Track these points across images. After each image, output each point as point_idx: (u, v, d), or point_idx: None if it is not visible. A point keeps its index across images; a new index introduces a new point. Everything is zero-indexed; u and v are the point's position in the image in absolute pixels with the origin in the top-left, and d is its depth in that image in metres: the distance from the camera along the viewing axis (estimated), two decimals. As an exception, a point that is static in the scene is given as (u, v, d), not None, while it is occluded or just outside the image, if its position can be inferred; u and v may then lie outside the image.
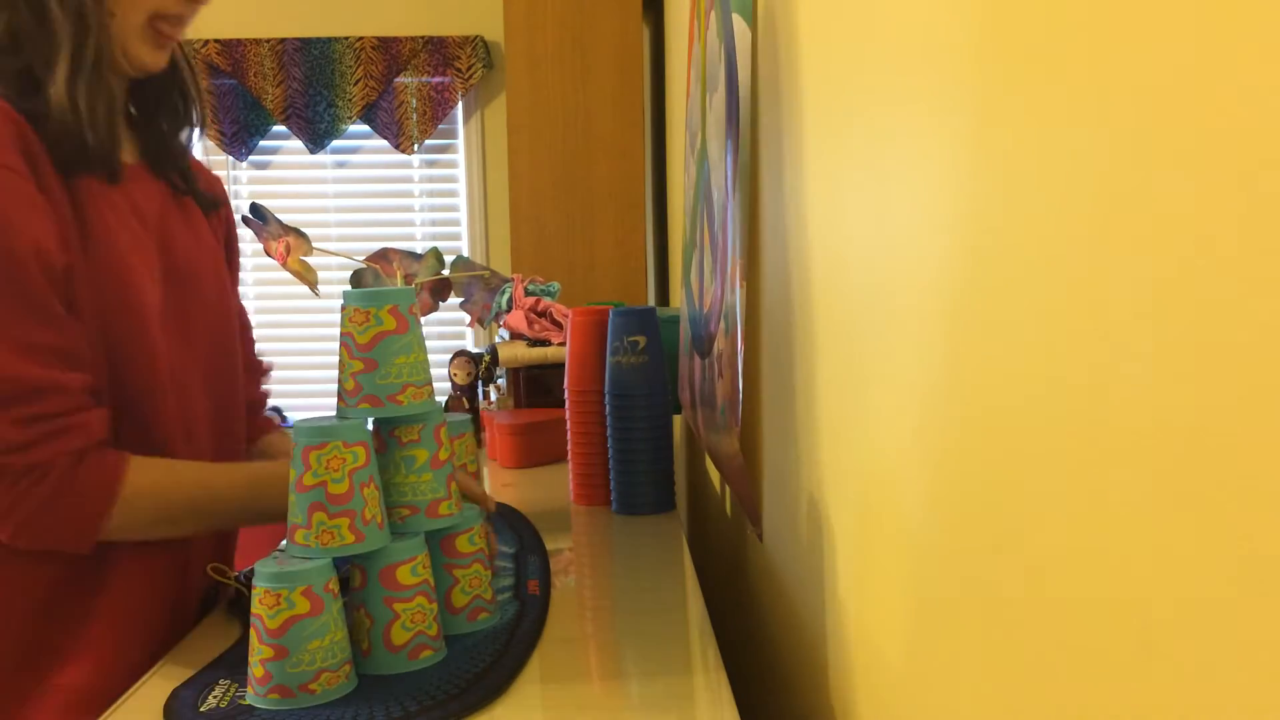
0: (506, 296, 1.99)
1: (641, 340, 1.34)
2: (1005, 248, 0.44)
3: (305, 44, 3.49)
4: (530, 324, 1.89)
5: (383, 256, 1.76)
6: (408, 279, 1.74)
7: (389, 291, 0.89)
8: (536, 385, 1.84)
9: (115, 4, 0.92)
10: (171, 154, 1.05)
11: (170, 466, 0.94)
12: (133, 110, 1.05)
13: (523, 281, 2.00)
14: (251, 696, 0.79)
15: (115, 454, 0.90)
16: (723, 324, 1.10)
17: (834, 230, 0.74)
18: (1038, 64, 0.40)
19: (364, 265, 1.76)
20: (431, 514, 0.90)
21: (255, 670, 0.79)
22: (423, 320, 1.81)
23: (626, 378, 1.33)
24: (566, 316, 1.85)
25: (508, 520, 1.31)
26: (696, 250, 1.39)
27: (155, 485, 0.91)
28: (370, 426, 0.89)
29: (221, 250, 1.13)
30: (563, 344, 1.82)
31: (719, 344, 1.13)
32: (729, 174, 1.07)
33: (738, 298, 1.00)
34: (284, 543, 0.86)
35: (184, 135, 1.07)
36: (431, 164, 3.61)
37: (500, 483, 1.58)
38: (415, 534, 0.87)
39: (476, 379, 1.92)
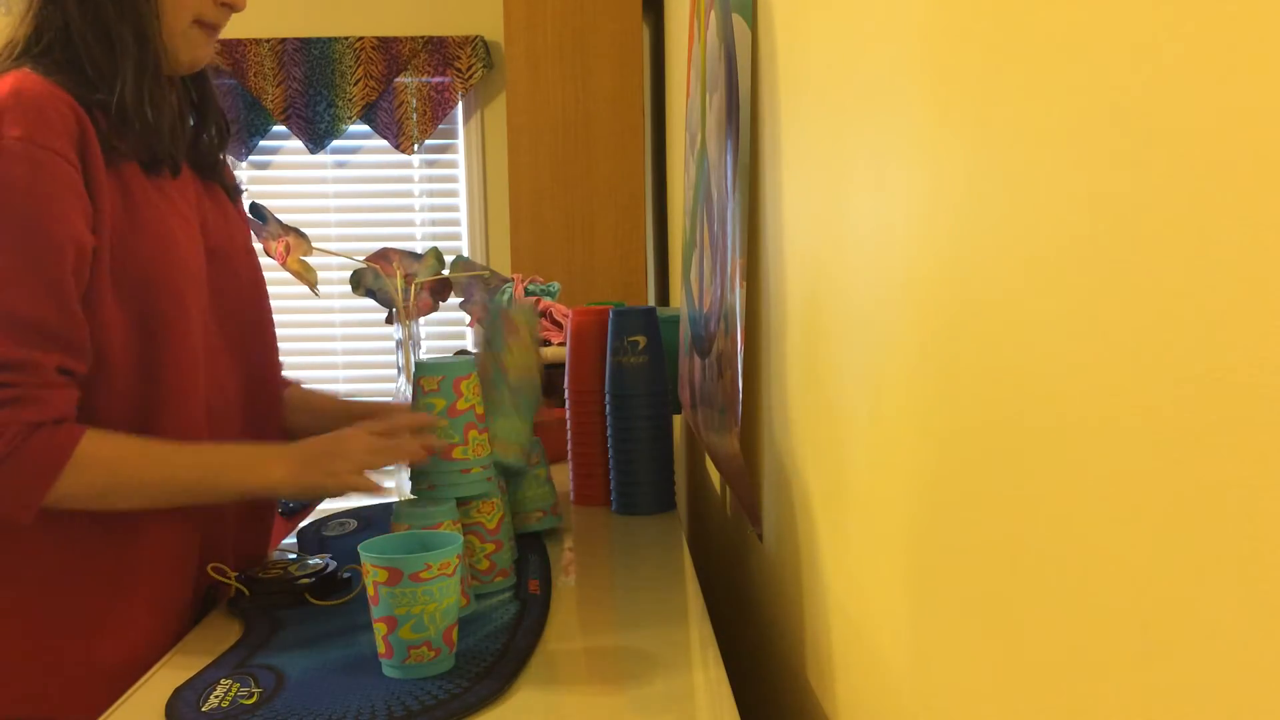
0: (506, 296, 1.99)
1: (642, 340, 1.34)
2: (1006, 247, 0.44)
3: (305, 44, 3.49)
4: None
5: (383, 256, 1.76)
6: (408, 279, 1.74)
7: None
8: (537, 385, 1.83)
9: (162, 9, 1.00)
10: (202, 147, 1.13)
11: (131, 442, 0.96)
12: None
13: (523, 281, 2.00)
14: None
15: (70, 429, 0.92)
16: (723, 324, 1.10)
17: (834, 230, 0.75)
18: (1039, 65, 0.40)
19: (364, 265, 1.76)
20: (445, 455, 1.02)
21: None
22: (423, 320, 1.81)
23: (626, 378, 1.34)
24: (566, 316, 1.85)
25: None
26: (696, 250, 1.39)
27: (108, 458, 0.94)
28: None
29: (249, 231, 1.21)
30: (563, 344, 1.82)
31: (719, 344, 1.13)
32: (729, 174, 1.07)
33: (737, 298, 1.00)
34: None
35: (214, 131, 1.15)
36: (431, 164, 3.61)
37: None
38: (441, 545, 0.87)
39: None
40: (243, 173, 3.59)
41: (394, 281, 1.73)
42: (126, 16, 0.98)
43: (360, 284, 1.77)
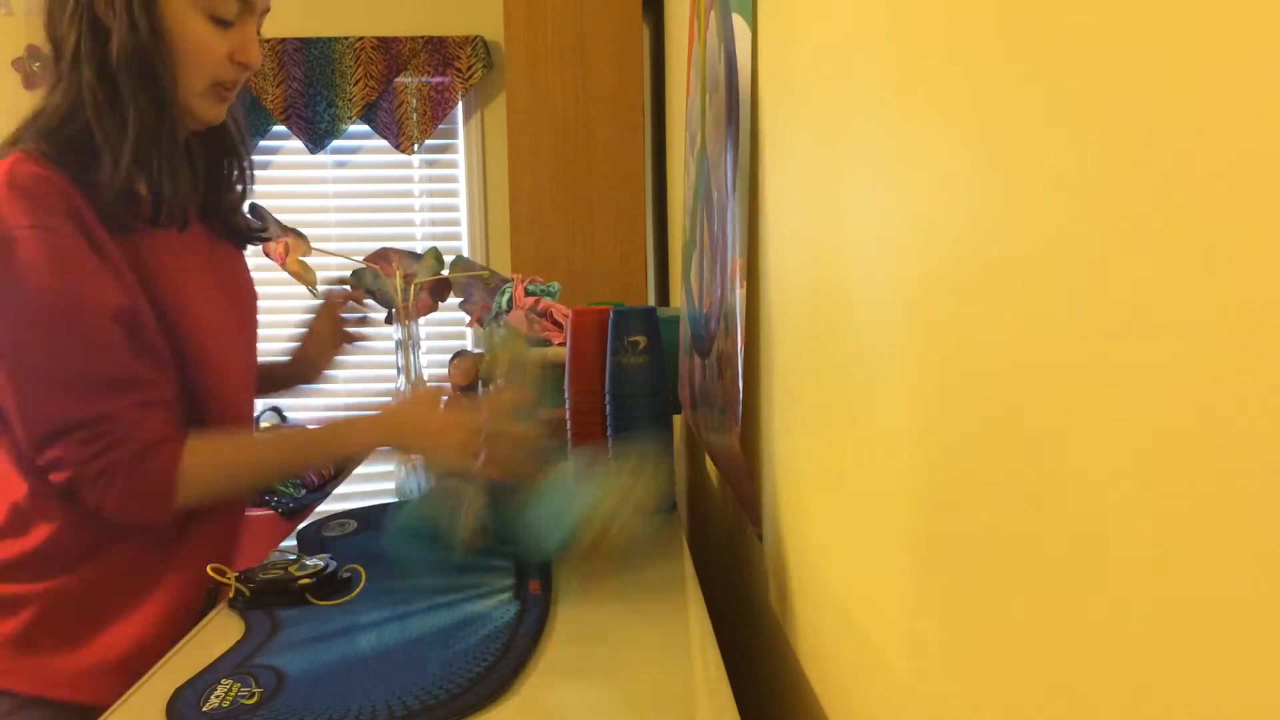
0: (506, 296, 1.99)
1: (642, 340, 1.34)
2: (1007, 246, 0.44)
3: (305, 44, 3.49)
4: (530, 324, 1.89)
5: (382, 256, 1.76)
6: (407, 279, 1.74)
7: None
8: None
9: (180, 73, 1.05)
10: (219, 203, 1.19)
11: (218, 446, 1.10)
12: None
13: (522, 281, 2.00)
14: None
15: (172, 446, 1.05)
16: (723, 324, 1.10)
17: (833, 229, 0.75)
18: (1040, 64, 0.40)
19: (363, 265, 1.76)
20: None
21: None
22: (422, 320, 1.81)
23: (627, 378, 1.34)
24: (567, 316, 1.85)
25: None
26: (696, 250, 1.39)
27: (206, 465, 1.07)
28: None
29: (251, 281, 1.30)
30: (563, 344, 1.82)
31: (719, 344, 1.13)
32: (729, 174, 1.07)
33: (737, 298, 1.00)
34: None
35: (233, 187, 1.22)
36: (431, 164, 3.61)
37: (500, 483, 1.58)
38: None
39: (476, 379, 1.92)
40: (243, 173, 3.59)
41: (393, 281, 1.73)
42: (144, 85, 1.02)
43: (359, 284, 1.77)
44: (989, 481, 0.47)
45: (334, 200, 3.60)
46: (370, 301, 1.76)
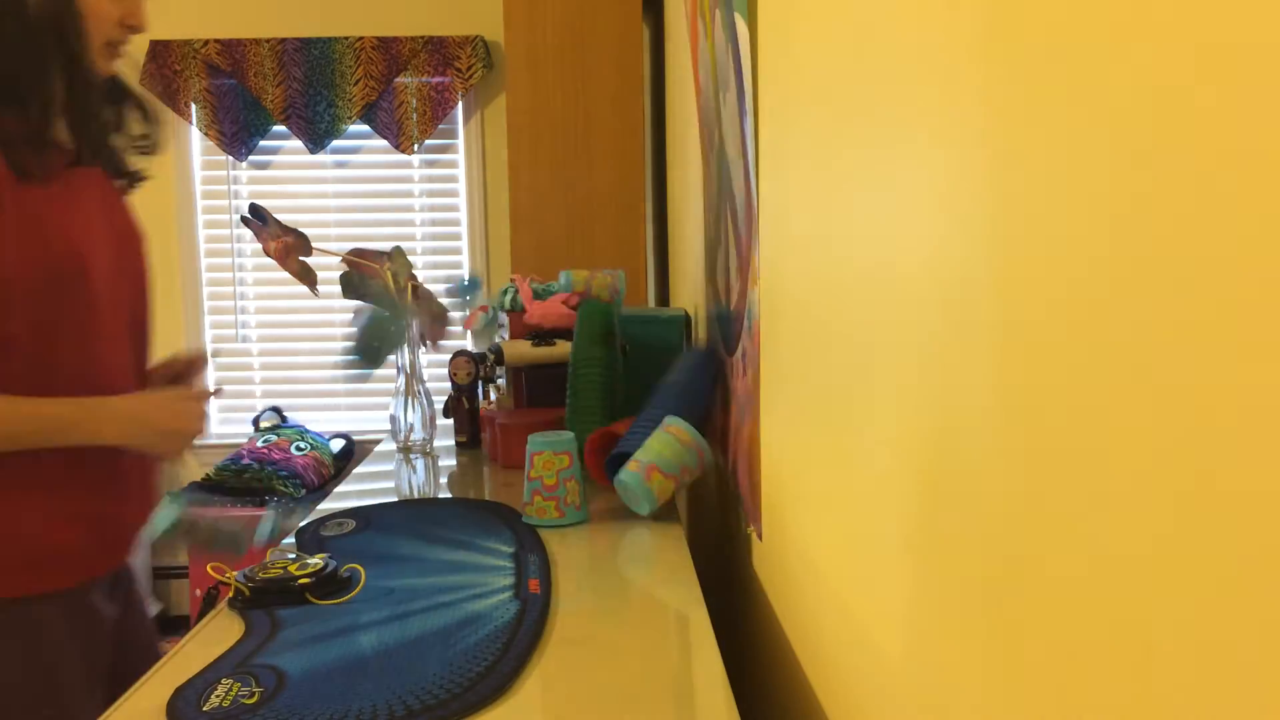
0: (509, 296, 1.99)
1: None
2: (1009, 247, 0.44)
3: (305, 44, 3.49)
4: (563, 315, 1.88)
5: (358, 256, 1.76)
6: (399, 278, 1.73)
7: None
8: (540, 384, 1.84)
9: (85, 29, 1.19)
10: (107, 145, 1.30)
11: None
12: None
13: (523, 281, 2.00)
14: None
15: None
16: (746, 321, 1.11)
17: (834, 230, 0.75)
18: (1042, 60, 0.40)
19: (349, 271, 1.75)
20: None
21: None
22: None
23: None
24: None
25: (507, 520, 1.31)
26: (722, 248, 1.40)
27: None
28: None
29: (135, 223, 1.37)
30: (569, 338, 1.82)
31: (744, 342, 1.14)
32: (749, 172, 1.07)
33: (754, 297, 1.01)
34: None
35: (116, 131, 1.32)
36: (431, 164, 3.61)
37: (500, 482, 1.58)
38: None
39: (476, 379, 1.92)
40: (243, 172, 3.59)
41: (384, 281, 1.73)
42: (61, 42, 1.16)
43: (350, 286, 1.77)
44: (988, 481, 0.46)
45: (334, 200, 3.60)
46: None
